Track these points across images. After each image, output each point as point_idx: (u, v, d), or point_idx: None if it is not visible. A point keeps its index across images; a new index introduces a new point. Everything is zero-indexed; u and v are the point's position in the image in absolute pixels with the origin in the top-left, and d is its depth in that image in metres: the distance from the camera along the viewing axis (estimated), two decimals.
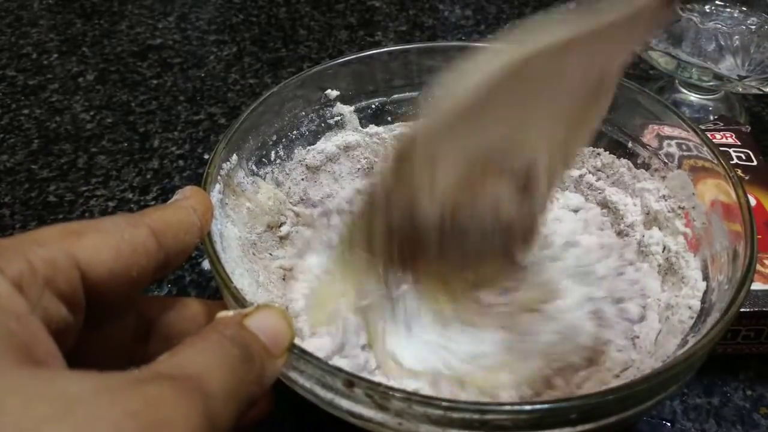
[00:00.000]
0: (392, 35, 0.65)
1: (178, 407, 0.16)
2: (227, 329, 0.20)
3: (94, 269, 0.20)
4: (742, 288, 0.27)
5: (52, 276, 0.19)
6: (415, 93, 0.41)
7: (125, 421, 0.15)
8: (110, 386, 0.16)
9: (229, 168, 0.33)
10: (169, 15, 0.68)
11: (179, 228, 0.24)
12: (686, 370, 0.25)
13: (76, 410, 0.15)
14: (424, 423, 0.23)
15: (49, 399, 0.15)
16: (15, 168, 0.50)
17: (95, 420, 0.15)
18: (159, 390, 0.16)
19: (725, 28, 0.46)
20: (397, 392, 0.23)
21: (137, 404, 0.15)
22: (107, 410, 0.15)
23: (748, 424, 0.34)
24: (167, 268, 0.24)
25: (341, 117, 0.41)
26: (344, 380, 0.23)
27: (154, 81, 0.59)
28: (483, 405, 0.24)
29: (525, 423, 0.23)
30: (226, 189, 0.33)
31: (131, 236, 0.22)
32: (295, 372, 0.25)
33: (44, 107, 0.56)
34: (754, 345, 0.35)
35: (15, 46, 0.63)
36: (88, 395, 0.15)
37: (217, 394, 0.17)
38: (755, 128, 0.49)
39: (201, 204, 0.26)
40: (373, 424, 0.24)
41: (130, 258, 0.21)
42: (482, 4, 0.70)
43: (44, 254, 0.19)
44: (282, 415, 0.33)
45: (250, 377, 0.19)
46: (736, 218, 0.30)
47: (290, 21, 0.67)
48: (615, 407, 0.24)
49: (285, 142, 0.39)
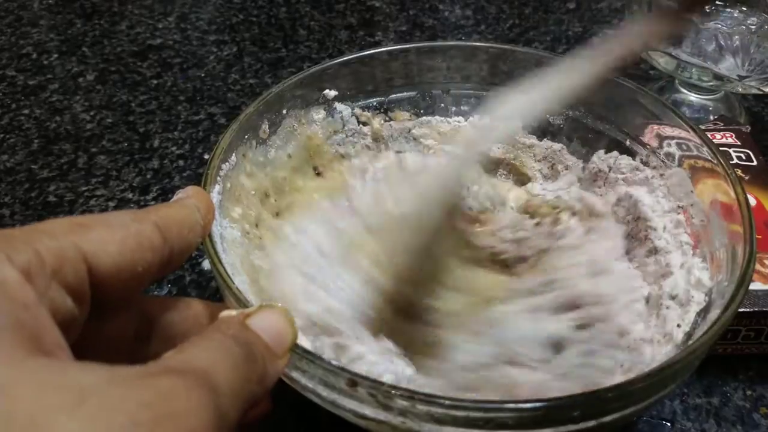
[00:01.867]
0: (392, 35, 0.65)
1: (190, 400, 0.16)
2: (230, 329, 0.20)
3: (101, 262, 0.20)
4: (741, 285, 0.27)
5: (59, 267, 0.19)
6: (413, 92, 0.42)
7: (139, 412, 0.15)
8: (123, 378, 0.16)
9: (229, 168, 0.33)
10: (169, 15, 0.68)
11: (183, 225, 0.24)
12: (686, 368, 0.25)
13: (90, 400, 0.15)
14: (428, 422, 0.23)
15: (62, 388, 0.15)
16: (15, 168, 0.50)
17: (109, 410, 0.15)
18: (171, 383, 0.16)
19: (725, 28, 0.46)
20: (401, 391, 0.23)
21: (150, 396, 0.15)
22: (121, 401, 0.15)
23: (748, 424, 0.34)
24: (170, 264, 0.24)
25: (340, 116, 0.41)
26: (347, 380, 0.23)
27: (154, 81, 0.59)
28: (486, 403, 0.24)
29: (528, 420, 0.23)
30: (225, 189, 0.33)
31: (137, 231, 0.22)
32: (298, 372, 0.25)
33: (44, 107, 0.56)
34: (755, 345, 0.35)
35: (15, 46, 0.63)
36: (101, 386, 0.15)
37: (224, 390, 0.18)
38: (755, 128, 0.49)
39: (204, 203, 0.26)
40: (376, 423, 0.24)
41: (136, 252, 0.21)
42: (482, 4, 0.70)
43: (52, 245, 0.19)
44: (282, 415, 0.33)
45: (253, 376, 0.19)
46: (736, 218, 0.30)
47: (290, 21, 0.67)
48: (617, 404, 0.24)
49: None
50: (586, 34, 0.65)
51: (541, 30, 0.66)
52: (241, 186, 0.35)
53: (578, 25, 0.67)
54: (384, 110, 0.42)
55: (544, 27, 0.66)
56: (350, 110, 0.41)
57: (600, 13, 0.69)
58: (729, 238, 0.30)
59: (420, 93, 0.42)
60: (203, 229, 0.26)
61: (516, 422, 0.23)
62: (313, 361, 0.24)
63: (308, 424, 0.33)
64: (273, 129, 0.37)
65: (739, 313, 0.33)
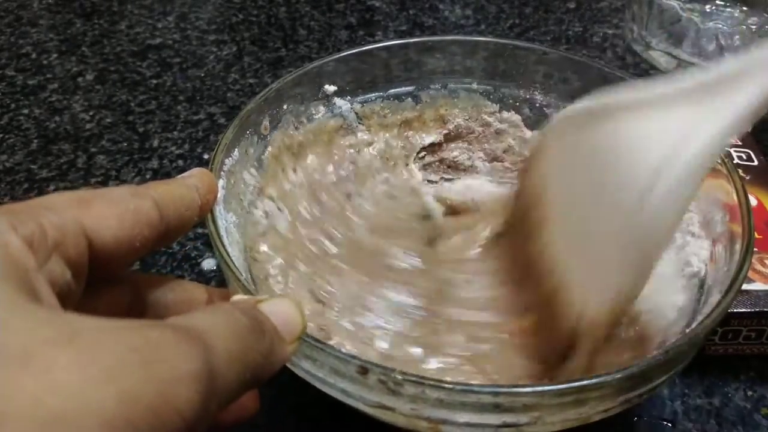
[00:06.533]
0: (392, 35, 0.65)
1: (179, 350, 0.17)
2: (241, 304, 0.21)
3: (100, 237, 0.21)
4: (741, 269, 0.27)
5: (61, 241, 0.19)
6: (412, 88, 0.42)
7: (127, 354, 0.16)
8: (114, 325, 0.17)
9: (231, 164, 0.33)
10: (169, 15, 0.68)
11: (181, 203, 0.25)
12: (686, 353, 0.26)
13: (81, 338, 0.16)
14: (438, 407, 0.23)
15: (56, 328, 0.16)
16: (14, 168, 0.50)
17: (98, 348, 0.15)
18: (161, 333, 0.17)
19: (726, 28, 0.46)
20: (411, 377, 0.23)
21: (139, 342, 0.16)
22: (111, 343, 0.16)
23: (749, 425, 0.34)
24: (166, 240, 0.24)
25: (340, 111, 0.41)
26: (358, 367, 0.23)
27: (153, 81, 0.59)
28: (496, 387, 0.24)
29: (541, 404, 0.23)
30: (228, 184, 0.33)
31: (136, 207, 0.22)
32: (308, 361, 0.25)
33: (43, 107, 0.56)
34: (755, 345, 0.35)
35: (14, 45, 0.63)
36: (93, 328, 0.16)
37: (220, 352, 0.18)
38: (755, 128, 0.49)
39: (204, 183, 0.27)
40: (385, 410, 0.25)
41: (134, 228, 0.22)
42: (482, 4, 0.70)
43: (55, 219, 0.20)
44: (282, 415, 0.33)
45: (259, 347, 0.20)
46: (735, 216, 0.30)
47: (290, 21, 0.67)
48: (617, 388, 0.24)
49: None
50: (586, 34, 0.65)
51: (541, 30, 0.66)
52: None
53: (578, 25, 0.66)
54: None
55: (544, 27, 0.66)
56: (349, 105, 0.41)
57: (600, 13, 0.69)
58: (729, 233, 0.30)
59: (418, 88, 0.42)
60: (201, 209, 0.26)
61: (526, 406, 0.23)
62: (323, 350, 0.24)
63: (308, 424, 0.33)
64: (274, 124, 0.38)
65: (740, 314, 0.34)
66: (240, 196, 0.34)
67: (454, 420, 0.24)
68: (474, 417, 0.24)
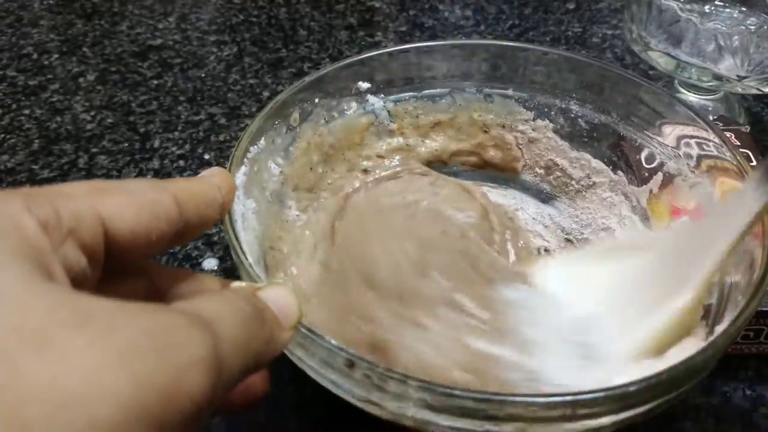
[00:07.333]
0: (392, 35, 0.65)
1: (190, 335, 0.17)
2: (241, 292, 0.21)
3: (116, 227, 0.21)
4: (762, 283, 0.27)
5: (76, 227, 0.20)
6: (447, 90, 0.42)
7: (139, 337, 0.16)
8: (128, 308, 0.17)
9: (257, 152, 0.34)
10: (170, 15, 0.68)
11: (202, 201, 0.25)
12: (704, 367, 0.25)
13: (95, 320, 0.16)
14: (422, 407, 0.23)
15: (72, 309, 0.16)
16: (16, 168, 0.50)
17: (112, 330, 0.16)
18: (173, 318, 0.17)
19: (725, 28, 0.46)
20: (395, 374, 0.23)
21: (152, 325, 0.17)
22: (124, 326, 0.16)
23: (747, 425, 0.34)
24: (185, 237, 0.24)
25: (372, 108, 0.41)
26: (345, 360, 0.24)
27: (154, 81, 0.59)
28: (480, 394, 0.23)
29: (532, 415, 0.23)
30: (251, 171, 0.33)
31: (154, 200, 0.22)
32: (301, 350, 0.25)
33: (45, 107, 0.56)
34: (754, 345, 0.35)
35: (16, 46, 0.64)
36: (107, 311, 0.16)
37: (226, 339, 0.18)
38: (754, 128, 0.49)
39: (225, 183, 0.27)
40: (373, 405, 0.25)
41: (151, 221, 0.22)
42: (482, 4, 0.70)
43: (71, 205, 0.20)
44: (282, 415, 0.33)
45: (261, 335, 0.20)
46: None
47: (290, 21, 0.67)
48: (635, 399, 0.24)
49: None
50: (585, 34, 0.65)
51: (541, 30, 0.66)
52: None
53: (578, 26, 0.67)
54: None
55: (544, 27, 0.66)
56: (382, 103, 0.41)
57: (600, 13, 0.69)
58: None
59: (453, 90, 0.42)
60: (222, 208, 0.26)
61: (508, 416, 0.23)
62: (314, 340, 0.24)
63: (308, 423, 0.34)
64: (304, 117, 0.38)
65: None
66: (263, 184, 0.35)
67: (437, 422, 0.24)
68: (457, 421, 0.23)
